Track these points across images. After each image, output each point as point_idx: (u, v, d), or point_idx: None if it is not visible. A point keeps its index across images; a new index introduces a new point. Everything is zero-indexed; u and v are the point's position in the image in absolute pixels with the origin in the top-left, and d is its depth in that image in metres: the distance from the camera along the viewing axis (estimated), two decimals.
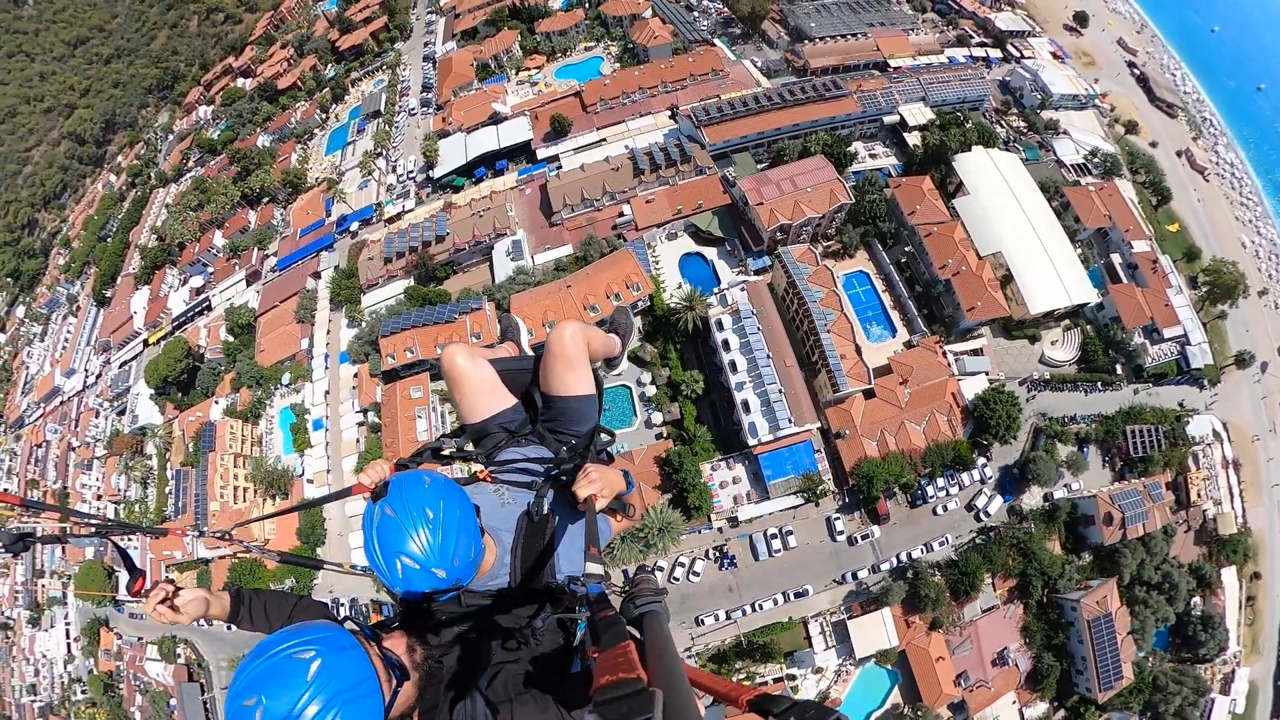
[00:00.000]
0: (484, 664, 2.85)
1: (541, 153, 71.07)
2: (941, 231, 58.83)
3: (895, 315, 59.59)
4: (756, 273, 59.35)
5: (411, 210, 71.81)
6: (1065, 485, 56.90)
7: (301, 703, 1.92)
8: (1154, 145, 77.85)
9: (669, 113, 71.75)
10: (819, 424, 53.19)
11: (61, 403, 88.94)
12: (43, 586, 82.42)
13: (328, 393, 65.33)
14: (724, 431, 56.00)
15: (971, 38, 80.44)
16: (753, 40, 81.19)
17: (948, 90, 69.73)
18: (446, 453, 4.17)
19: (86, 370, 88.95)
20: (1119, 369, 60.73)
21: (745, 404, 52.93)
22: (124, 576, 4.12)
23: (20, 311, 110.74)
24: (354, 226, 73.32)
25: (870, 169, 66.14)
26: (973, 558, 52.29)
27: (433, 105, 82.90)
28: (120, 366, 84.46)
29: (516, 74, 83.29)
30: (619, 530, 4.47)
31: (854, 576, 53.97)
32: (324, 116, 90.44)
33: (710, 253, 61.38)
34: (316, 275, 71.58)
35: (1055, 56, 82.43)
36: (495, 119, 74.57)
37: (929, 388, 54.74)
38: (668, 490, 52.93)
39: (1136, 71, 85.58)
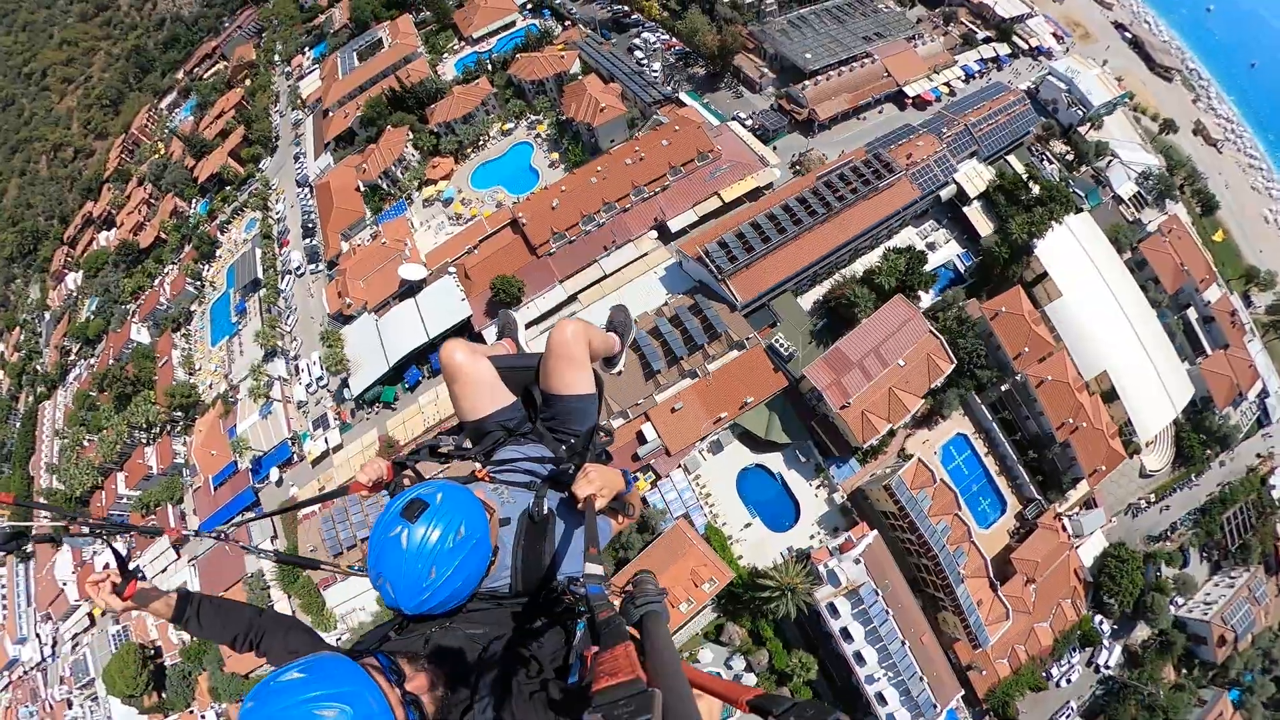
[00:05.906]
0: (484, 671, 1.89)
1: (490, 334, 38.51)
2: (1055, 377, 32.14)
3: (1001, 481, 35.14)
4: (842, 484, 32.82)
5: (339, 446, 39.12)
6: (1173, 602, 38.36)
7: None
8: (1175, 130, 50.59)
9: (654, 232, 39.48)
10: (962, 691, 30.66)
11: (24, 674, 57.28)
12: None
13: None
14: (839, 689, 32.94)
15: (975, 34, 47.98)
16: (726, 84, 45.85)
17: (999, 134, 39.36)
18: (444, 451, 2.84)
19: (39, 637, 56.38)
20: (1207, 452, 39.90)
21: (880, 696, 29.35)
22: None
23: None
24: (274, 472, 40.85)
25: (936, 268, 37.34)
26: None
27: (321, 259, 46.26)
28: (73, 639, 52.87)
29: (420, 191, 46.07)
30: (618, 530, 3.00)
31: None
32: (198, 286, 51.49)
33: (773, 460, 33.60)
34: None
35: (1056, 38, 51.16)
36: (409, 289, 40.29)
37: (1053, 575, 32.19)
38: None
39: (1128, 35, 55.66)
